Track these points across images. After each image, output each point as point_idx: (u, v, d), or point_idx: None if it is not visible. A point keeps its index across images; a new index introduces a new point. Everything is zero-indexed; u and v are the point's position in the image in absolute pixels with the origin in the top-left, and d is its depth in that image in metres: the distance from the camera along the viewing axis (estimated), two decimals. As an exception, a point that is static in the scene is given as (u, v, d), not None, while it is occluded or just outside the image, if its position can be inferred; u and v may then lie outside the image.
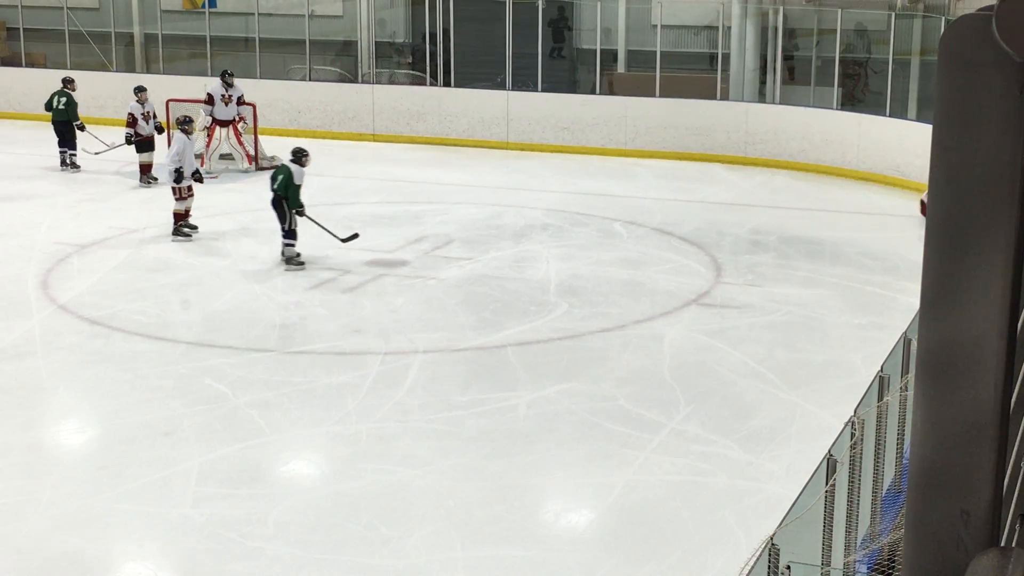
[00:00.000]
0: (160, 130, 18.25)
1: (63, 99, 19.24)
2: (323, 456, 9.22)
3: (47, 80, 21.12)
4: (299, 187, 13.60)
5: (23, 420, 9.62)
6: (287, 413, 9.71)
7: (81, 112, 19.75)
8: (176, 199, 15.02)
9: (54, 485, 8.43)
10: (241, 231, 15.47)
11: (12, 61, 24.73)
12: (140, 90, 18.38)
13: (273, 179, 13.77)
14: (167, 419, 9.50)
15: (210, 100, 18.79)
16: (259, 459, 8.93)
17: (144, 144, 18.07)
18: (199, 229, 15.05)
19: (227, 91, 18.74)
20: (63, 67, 23.74)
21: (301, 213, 13.61)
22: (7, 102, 22.96)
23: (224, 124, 18.87)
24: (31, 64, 24.48)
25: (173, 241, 14.80)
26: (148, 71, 24.06)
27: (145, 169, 18.00)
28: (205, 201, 16.94)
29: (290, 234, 13.66)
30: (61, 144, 19.11)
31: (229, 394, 10.04)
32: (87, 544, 7.64)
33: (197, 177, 15.29)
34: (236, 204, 16.59)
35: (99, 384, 10.40)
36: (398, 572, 7.34)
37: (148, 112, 18.20)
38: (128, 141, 18.09)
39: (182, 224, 15.01)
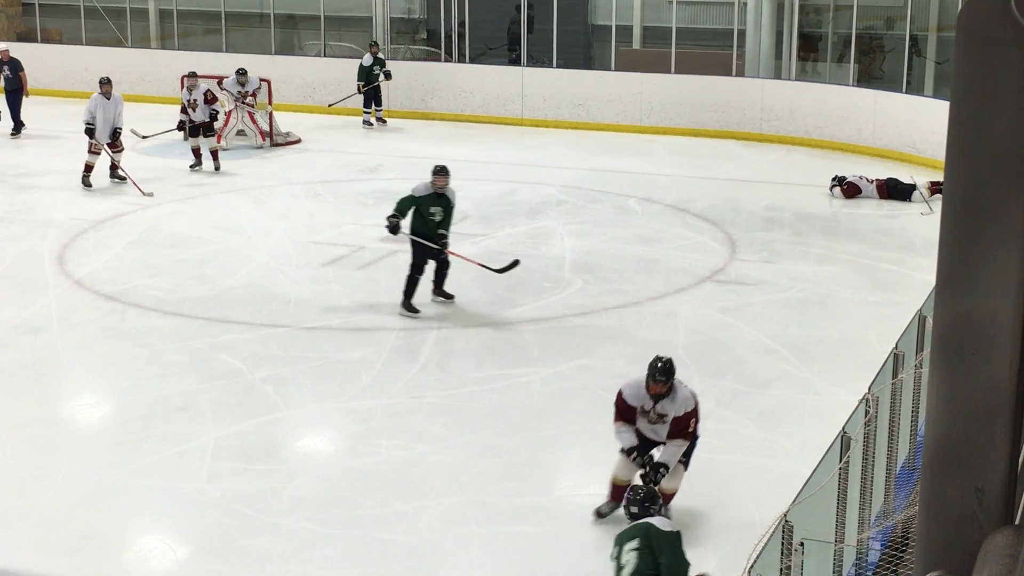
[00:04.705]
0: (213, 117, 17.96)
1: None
2: (338, 432, 9.24)
3: (62, 55, 21.15)
4: None
5: (39, 395, 9.67)
6: (302, 389, 9.73)
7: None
8: (88, 152, 16.23)
9: (70, 460, 8.47)
10: (256, 207, 15.51)
11: (28, 37, 24.77)
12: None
13: None
14: (182, 394, 9.54)
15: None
16: (274, 435, 8.96)
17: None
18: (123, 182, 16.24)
19: (242, 88, 18.79)
20: (79, 43, 23.82)
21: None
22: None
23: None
24: (47, 40, 24.52)
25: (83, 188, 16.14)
26: (163, 47, 24.10)
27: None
28: (220, 177, 17.00)
29: None
30: (364, 104, 20.81)
31: (244, 370, 10.07)
32: (103, 518, 7.68)
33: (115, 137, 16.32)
34: (250, 181, 16.60)
35: (115, 359, 10.44)
36: (412, 548, 7.37)
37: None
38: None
39: (86, 175, 16.15)
